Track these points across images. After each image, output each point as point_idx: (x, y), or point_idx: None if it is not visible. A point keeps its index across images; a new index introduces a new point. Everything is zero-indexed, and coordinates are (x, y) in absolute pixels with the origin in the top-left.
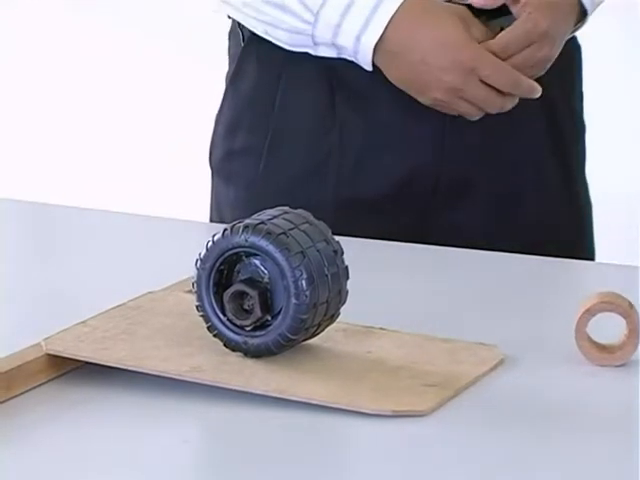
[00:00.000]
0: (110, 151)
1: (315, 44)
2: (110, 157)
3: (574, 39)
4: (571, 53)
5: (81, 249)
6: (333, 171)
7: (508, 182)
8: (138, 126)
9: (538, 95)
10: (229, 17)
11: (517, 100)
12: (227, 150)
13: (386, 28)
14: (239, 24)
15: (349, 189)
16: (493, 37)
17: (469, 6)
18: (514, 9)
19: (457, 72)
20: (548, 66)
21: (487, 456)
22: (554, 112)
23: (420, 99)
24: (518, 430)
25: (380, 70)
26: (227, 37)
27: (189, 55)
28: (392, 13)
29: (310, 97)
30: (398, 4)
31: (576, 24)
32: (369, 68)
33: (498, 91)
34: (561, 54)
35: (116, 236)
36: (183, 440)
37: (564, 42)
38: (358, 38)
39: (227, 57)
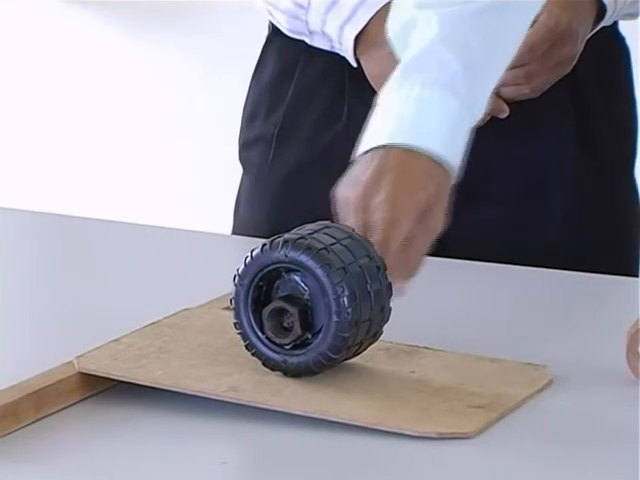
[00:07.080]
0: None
1: (310, 32)
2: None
3: (621, 40)
4: (614, 55)
5: (114, 264)
6: (338, 161)
7: (531, 181)
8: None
9: (506, 115)
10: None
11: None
12: (245, 140)
13: (369, 22)
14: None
15: None
16: None
17: None
18: None
19: None
20: (573, 63)
21: None
22: (586, 112)
23: None
24: (567, 453)
25: None
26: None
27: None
28: (377, 8)
29: (321, 87)
30: (385, 1)
31: (597, 21)
32: (352, 61)
33: None
34: (600, 55)
35: (149, 250)
36: (221, 462)
37: (586, 39)
38: (342, 28)
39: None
